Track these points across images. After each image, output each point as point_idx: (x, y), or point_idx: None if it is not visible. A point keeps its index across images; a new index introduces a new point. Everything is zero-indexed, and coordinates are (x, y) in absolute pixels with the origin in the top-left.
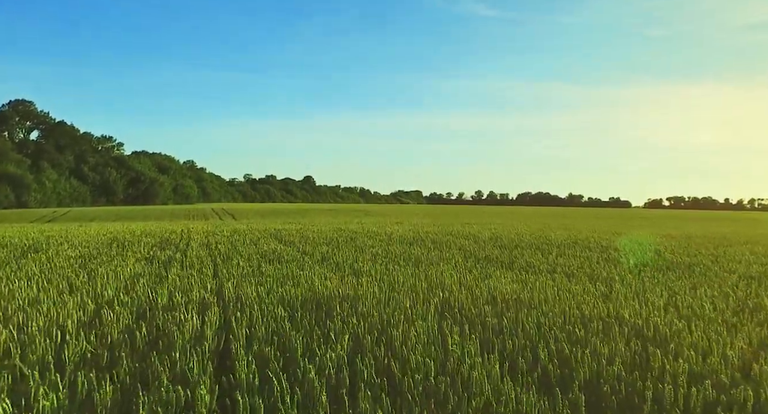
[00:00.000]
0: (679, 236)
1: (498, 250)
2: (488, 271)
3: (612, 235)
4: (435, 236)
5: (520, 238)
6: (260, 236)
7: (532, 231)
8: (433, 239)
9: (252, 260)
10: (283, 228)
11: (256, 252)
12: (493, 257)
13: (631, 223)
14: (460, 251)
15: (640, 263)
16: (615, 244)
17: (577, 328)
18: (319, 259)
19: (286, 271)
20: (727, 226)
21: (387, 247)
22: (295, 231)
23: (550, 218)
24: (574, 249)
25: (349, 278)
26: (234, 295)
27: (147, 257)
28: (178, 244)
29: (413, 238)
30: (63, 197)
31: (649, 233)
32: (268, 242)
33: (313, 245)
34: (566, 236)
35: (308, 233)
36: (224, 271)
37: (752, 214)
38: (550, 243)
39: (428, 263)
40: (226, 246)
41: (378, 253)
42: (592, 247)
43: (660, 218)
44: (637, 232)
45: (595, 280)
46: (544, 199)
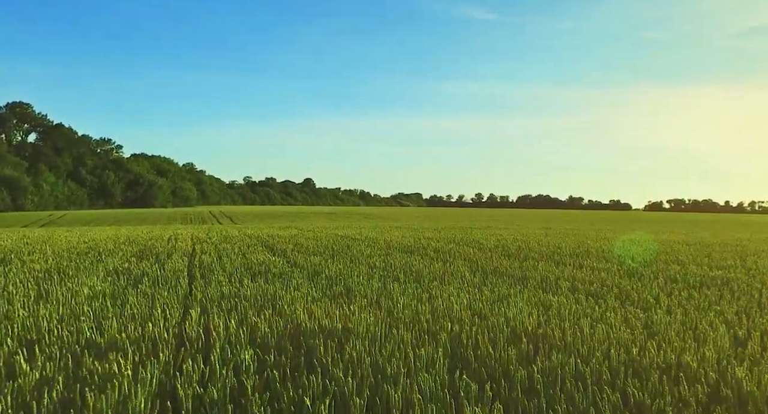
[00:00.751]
0: (695, 242)
1: (506, 261)
2: (501, 291)
3: (647, 247)
4: (437, 244)
5: (527, 245)
6: (251, 244)
7: (538, 237)
8: (435, 248)
9: (235, 275)
10: (276, 234)
11: (243, 263)
12: (503, 270)
13: (637, 228)
14: (465, 262)
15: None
16: (626, 251)
17: (633, 387)
18: (310, 272)
19: (272, 289)
20: (736, 230)
21: (386, 256)
22: (288, 237)
23: (553, 222)
24: (589, 259)
25: (339, 301)
26: (197, 329)
27: (120, 270)
28: (160, 253)
29: (414, 246)
30: (60, 200)
31: (659, 238)
32: (258, 251)
33: (306, 255)
34: (576, 243)
35: (302, 240)
36: (198, 292)
37: (753, 217)
38: (560, 251)
39: (431, 278)
40: (212, 256)
41: (375, 264)
42: (608, 256)
43: (665, 222)
44: (650, 237)
45: (624, 301)
46: (545, 202)
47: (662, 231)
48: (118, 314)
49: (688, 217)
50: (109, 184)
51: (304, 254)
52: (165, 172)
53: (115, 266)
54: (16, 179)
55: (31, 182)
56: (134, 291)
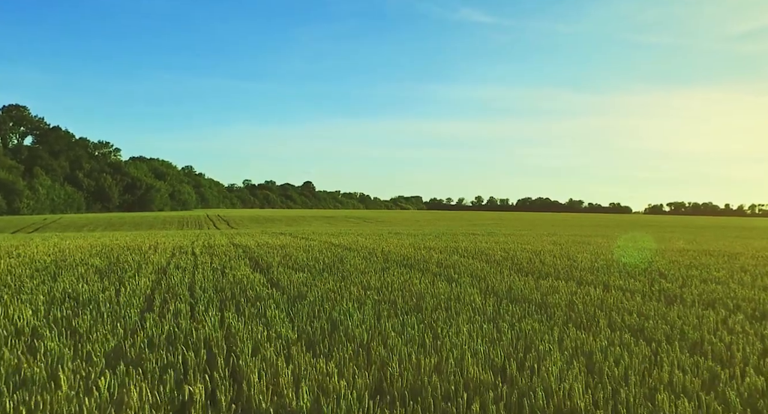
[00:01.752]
0: (717, 252)
1: (520, 279)
2: (523, 326)
3: (647, 252)
4: (439, 256)
5: (539, 257)
6: (235, 255)
7: (547, 246)
8: (437, 261)
9: (200, 303)
10: (266, 242)
11: (216, 284)
12: (519, 292)
13: (645, 233)
14: (473, 280)
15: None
16: (651, 264)
17: None
18: (292, 295)
19: (237, 326)
20: (749, 234)
21: (382, 273)
22: (278, 247)
23: (557, 226)
24: (612, 275)
25: (320, 348)
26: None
27: (68, 294)
28: (128, 269)
29: (414, 258)
30: (57, 204)
31: (674, 246)
32: (240, 265)
33: (292, 270)
34: (590, 254)
35: (292, 250)
36: (142, 332)
37: (754, 221)
38: (576, 265)
39: (435, 305)
40: (184, 274)
41: (370, 283)
42: (632, 272)
43: (669, 226)
44: (666, 246)
45: (679, 342)
46: (545, 205)
47: (673, 237)
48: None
49: (693, 221)
50: (107, 188)
51: (291, 269)
52: (163, 175)
53: (65, 288)
54: (11, 183)
55: (26, 186)
56: (58, 328)
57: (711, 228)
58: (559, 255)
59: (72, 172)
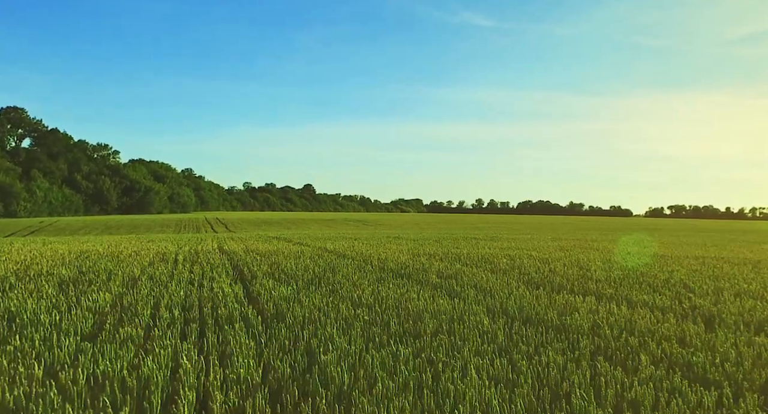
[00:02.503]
0: (737, 260)
1: (531, 293)
2: (545, 359)
3: (662, 260)
4: (440, 264)
5: (548, 266)
6: (218, 264)
7: (554, 254)
8: (438, 270)
9: (158, 327)
10: (257, 248)
11: (186, 301)
12: (532, 312)
13: (651, 237)
14: (478, 294)
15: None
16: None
17: None
18: (270, 315)
19: (186, 366)
20: (756, 238)
21: (377, 284)
22: (269, 253)
23: (560, 230)
24: (631, 288)
25: (287, 400)
26: None
27: (7, 314)
28: (94, 280)
29: (412, 267)
30: (54, 206)
31: (691, 253)
32: (222, 276)
33: (278, 282)
34: (602, 261)
35: (282, 258)
36: (65, 373)
37: (756, 224)
38: (590, 275)
39: (435, 328)
40: (154, 287)
41: (362, 300)
42: (653, 283)
43: (676, 229)
44: (680, 252)
45: (753, 387)
46: (545, 208)
47: (682, 242)
48: None
49: (696, 225)
50: (105, 190)
51: (276, 281)
52: (162, 178)
53: (7, 306)
54: (8, 185)
55: (24, 188)
56: None
57: (717, 232)
58: (569, 263)
59: (70, 175)
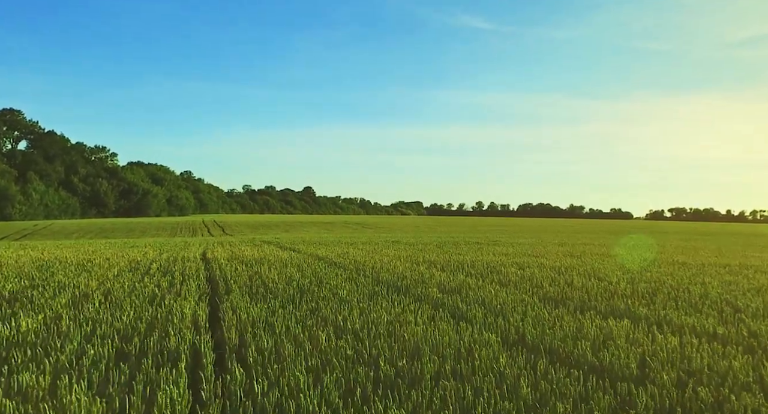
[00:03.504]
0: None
1: (552, 315)
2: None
3: (686, 269)
4: (441, 274)
5: (562, 276)
6: (192, 274)
7: (565, 261)
8: (439, 282)
9: (74, 367)
10: (242, 255)
11: (130, 326)
12: (559, 343)
13: (665, 240)
14: (488, 315)
15: None
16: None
17: None
18: (231, 347)
19: None
20: (766, 242)
21: (368, 301)
22: (254, 261)
23: (565, 234)
24: (671, 307)
25: None
26: None
27: None
28: (35, 298)
29: (410, 277)
30: (51, 209)
31: (715, 261)
32: (189, 290)
33: (253, 298)
34: (622, 271)
35: (265, 269)
36: None
37: (758, 227)
38: (615, 289)
39: (437, 372)
40: (101, 306)
41: (346, 324)
42: (693, 301)
43: (682, 233)
44: (703, 259)
45: None
46: (545, 210)
47: (696, 247)
48: None
49: (700, 228)
50: (102, 193)
51: (251, 297)
52: (161, 180)
53: None
54: (3, 188)
55: (19, 191)
56: None
57: (723, 235)
58: (584, 272)
59: (67, 178)
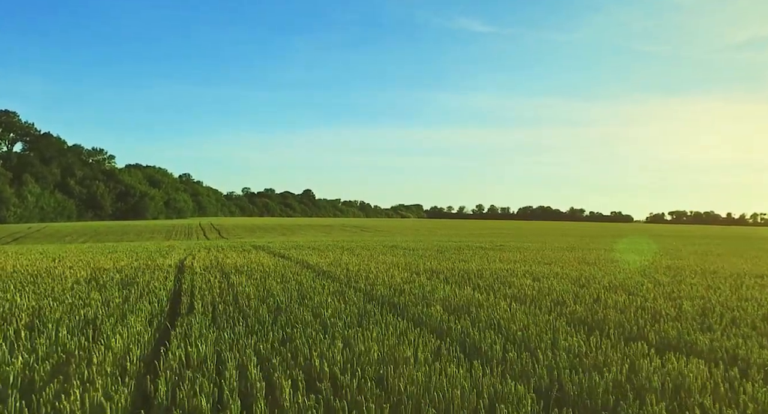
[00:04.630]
0: None
1: (591, 346)
2: None
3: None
4: (446, 287)
5: (587, 291)
6: (156, 287)
7: (583, 270)
8: (443, 297)
9: None
10: (224, 263)
11: (26, 368)
12: (606, 395)
13: (676, 244)
14: (510, 350)
15: None
16: None
17: None
18: (159, 402)
19: None
20: None
21: (356, 328)
22: (235, 270)
23: (570, 237)
24: (752, 339)
25: None
26: None
27: None
28: None
29: (409, 291)
30: (46, 212)
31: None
32: (141, 310)
33: (211, 324)
34: (652, 282)
35: (243, 279)
36: None
37: (760, 230)
38: (650, 306)
39: None
40: (19, 334)
41: (323, 368)
42: (755, 324)
43: (692, 237)
44: (734, 267)
45: None
46: (546, 213)
47: (713, 251)
48: None
49: (704, 231)
50: (99, 196)
51: (217, 319)
52: (158, 183)
53: None
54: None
55: (14, 193)
56: None
57: (730, 239)
58: (609, 285)
59: (63, 180)
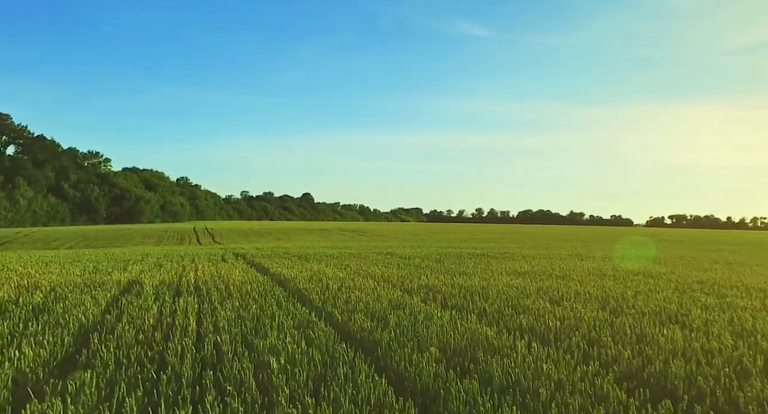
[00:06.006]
0: None
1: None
2: None
3: None
4: (443, 314)
5: (621, 317)
6: (72, 318)
7: (607, 287)
8: (440, 333)
9: None
10: (188, 279)
11: None
12: None
13: (685, 250)
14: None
15: None
16: None
17: None
18: None
19: None
20: None
21: (315, 393)
22: (191, 290)
23: (571, 241)
24: None
25: None
26: None
27: None
28: None
29: (397, 324)
30: (39, 216)
31: None
32: (26, 352)
33: (109, 386)
34: (700, 307)
35: (186, 310)
36: None
37: (762, 234)
38: (721, 350)
39: None
40: None
41: None
42: None
43: (699, 242)
44: None
45: None
46: (546, 217)
47: (738, 261)
48: None
49: (709, 236)
50: (93, 199)
51: (113, 379)
52: (154, 186)
53: None
54: None
55: (5, 197)
56: None
57: (738, 245)
58: (650, 311)
59: (57, 183)
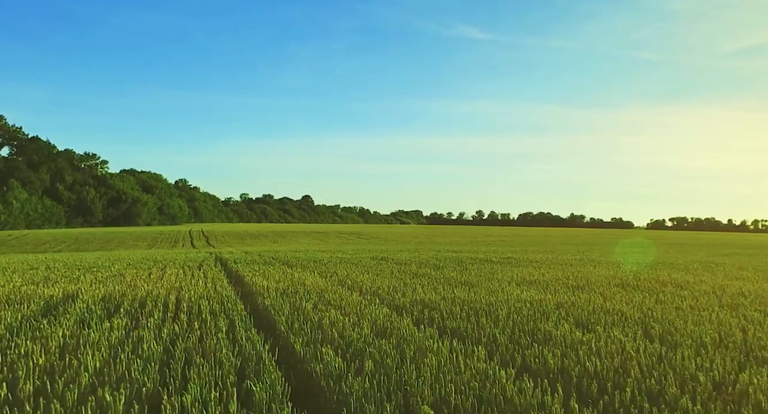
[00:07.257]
0: None
1: None
2: None
3: None
4: (440, 347)
5: (671, 349)
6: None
7: (638, 303)
8: (435, 374)
9: None
10: (154, 291)
11: None
12: None
13: (698, 255)
14: None
15: None
16: None
17: None
18: None
19: None
20: None
21: None
22: (136, 308)
23: (574, 244)
24: None
25: None
26: None
27: None
28: None
29: (378, 368)
30: (33, 218)
31: None
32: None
33: None
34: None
35: (122, 343)
36: None
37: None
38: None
39: None
40: None
41: None
42: None
43: (704, 245)
44: None
45: None
46: (546, 220)
47: (759, 266)
48: None
49: (712, 238)
50: (89, 201)
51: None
52: (152, 188)
53: None
54: None
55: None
56: None
57: (759, 248)
58: (714, 340)
59: (52, 185)
